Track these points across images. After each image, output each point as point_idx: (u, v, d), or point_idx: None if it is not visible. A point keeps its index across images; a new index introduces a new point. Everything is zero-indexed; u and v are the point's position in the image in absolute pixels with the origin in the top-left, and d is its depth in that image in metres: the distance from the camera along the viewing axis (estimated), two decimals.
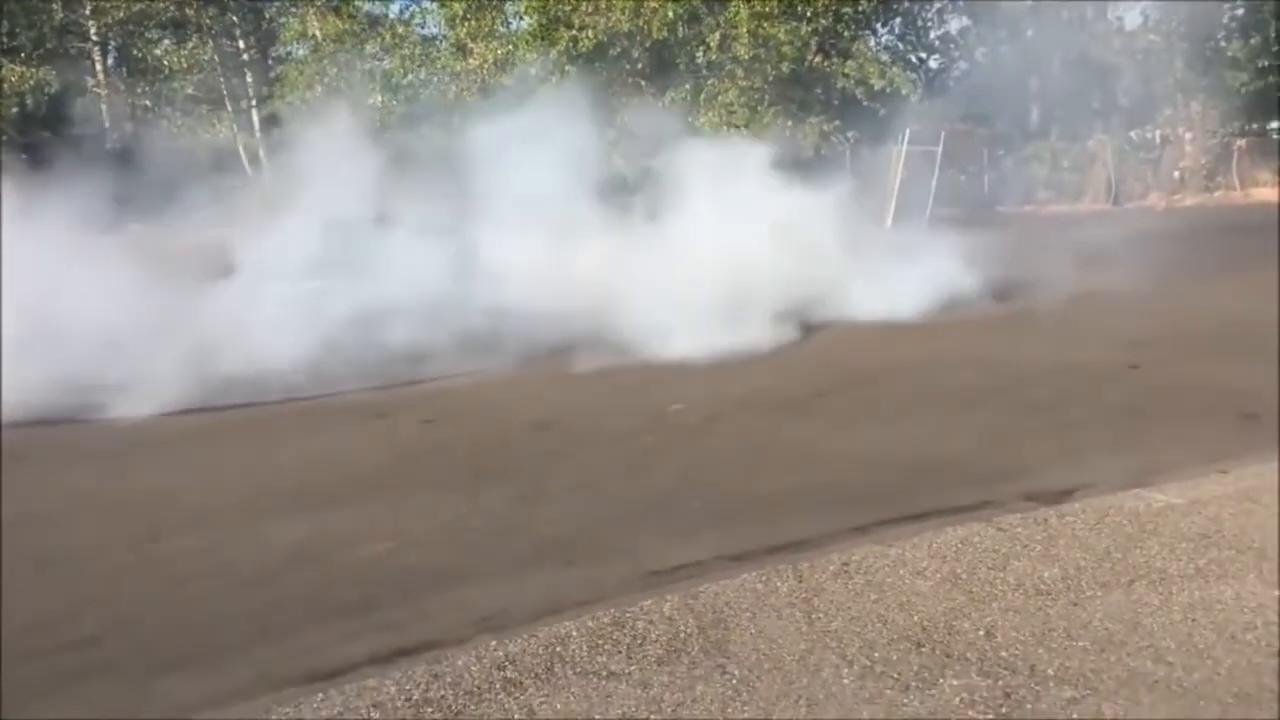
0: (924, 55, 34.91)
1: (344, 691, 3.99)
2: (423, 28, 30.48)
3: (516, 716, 3.78)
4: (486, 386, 9.45)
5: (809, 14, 25.03)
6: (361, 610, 4.82)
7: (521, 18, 27.25)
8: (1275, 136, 30.56)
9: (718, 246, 10.73)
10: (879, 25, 32.32)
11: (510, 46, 26.22)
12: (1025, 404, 7.94)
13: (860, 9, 27.68)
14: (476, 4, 27.46)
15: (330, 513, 6.20)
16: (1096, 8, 30.39)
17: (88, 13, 33.43)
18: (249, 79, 33.89)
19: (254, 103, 33.35)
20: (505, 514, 6.08)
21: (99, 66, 35.00)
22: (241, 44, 33.45)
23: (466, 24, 27.42)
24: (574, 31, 24.46)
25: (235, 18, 33.44)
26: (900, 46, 33.44)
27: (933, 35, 34.51)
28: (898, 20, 33.32)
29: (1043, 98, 31.28)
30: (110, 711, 4.01)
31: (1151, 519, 5.38)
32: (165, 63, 31.48)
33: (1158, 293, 12.27)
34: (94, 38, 34.37)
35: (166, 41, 33.87)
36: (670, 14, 23.77)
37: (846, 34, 26.78)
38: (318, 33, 29.53)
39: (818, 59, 26.38)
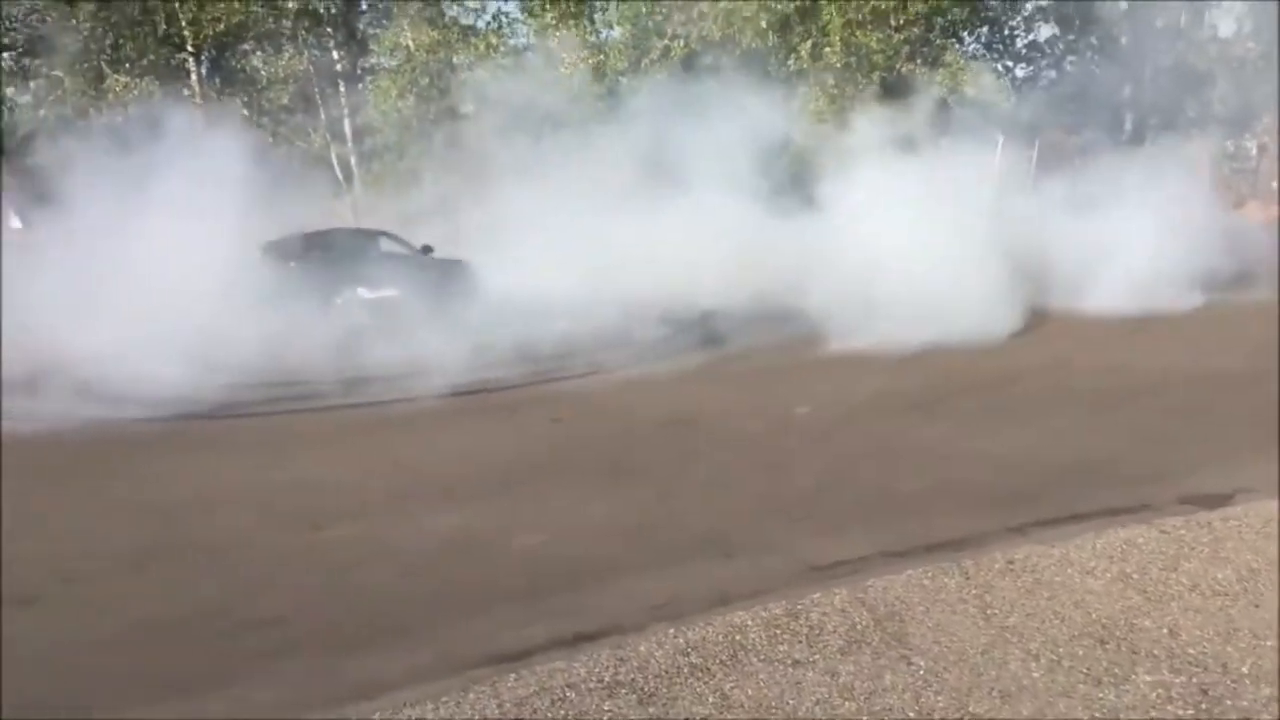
0: (1011, 63, 34.55)
1: (535, 672, 4.09)
2: (513, 38, 30.82)
3: (710, 700, 3.86)
4: (610, 386, 9.56)
5: (900, 22, 24.90)
6: (530, 597, 4.93)
7: (612, 27, 27.46)
8: None
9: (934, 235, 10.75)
10: (966, 33, 32.09)
11: (601, 56, 26.40)
12: (1164, 409, 7.85)
13: (951, 18, 27.48)
14: (567, 14, 27.71)
15: (478, 505, 6.33)
16: (1192, 15, 29.81)
17: (185, 24, 34.21)
18: (342, 89, 34.39)
19: (346, 112, 33.84)
20: (652, 508, 6.17)
21: (194, 77, 35.81)
22: (335, 55, 34.00)
23: (557, 34, 27.65)
24: (666, 41, 24.58)
25: (330, 29, 33.99)
26: (987, 54, 33.15)
27: (1020, 44, 34.19)
28: (985, 29, 33.03)
29: (1136, 106, 30.73)
30: (310, 687, 4.15)
31: None
32: (262, 73, 32.12)
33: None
34: (190, 49, 35.17)
35: (261, 52, 34.53)
36: (763, 23, 23.79)
37: (938, 42, 26.59)
38: (410, 43, 29.98)
39: (908, 67, 26.22)
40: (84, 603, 5.11)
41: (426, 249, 14.64)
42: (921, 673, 3.96)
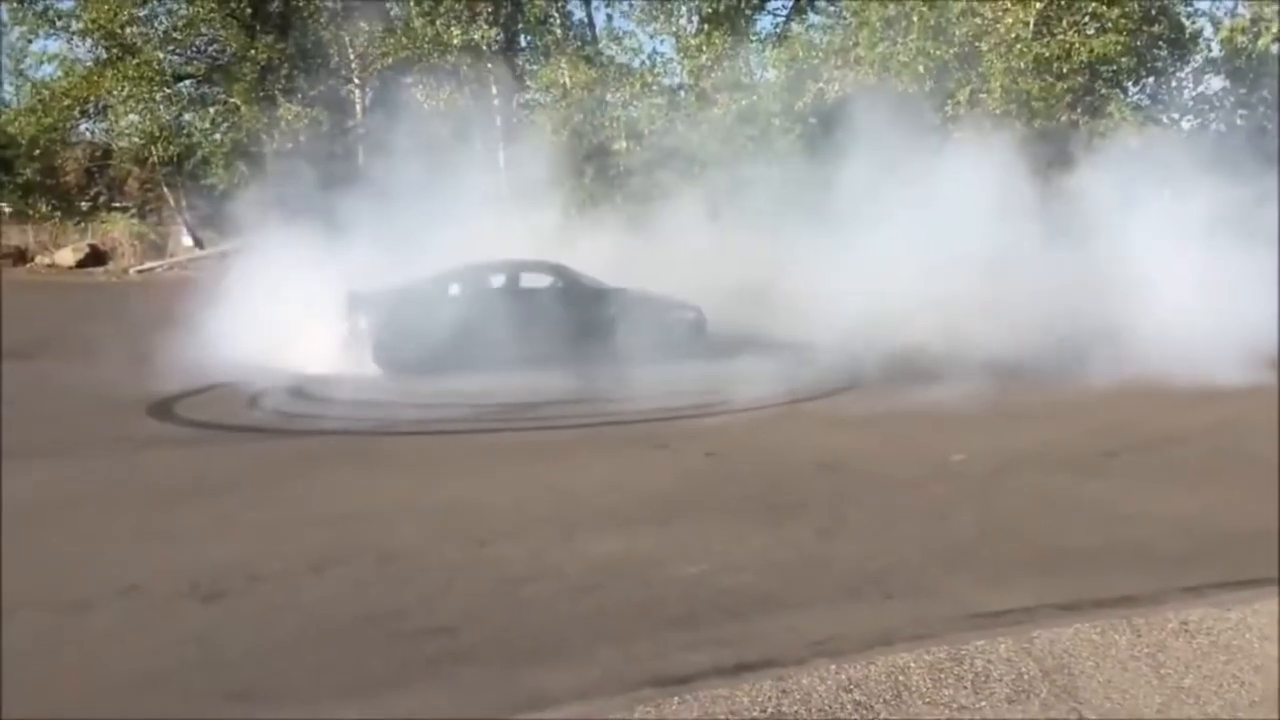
0: (1176, 115, 33.47)
1: (699, 698, 4.16)
2: (665, 78, 31.29)
3: None
4: (762, 424, 9.63)
5: (1064, 70, 24.46)
6: (692, 624, 5.01)
7: (766, 70, 27.71)
8: None
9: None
10: (1130, 84, 31.28)
11: (754, 97, 26.64)
12: None
13: (1116, 67, 26.84)
14: (722, 55, 28.08)
15: (637, 532, 6.46)
16: None
17: (354, 57, 35.61)
18: (498, 122, 35.32)
19: (501, 144, 34.74)
20: (810, 546, 6.20)
21: (359, 107, 37.27)
22: (494, 89, 34.98)
23: (711, 75, 28.02)
24: (820, 84, 24.68)
25: (490, 65, 34.99)
26: (1152, 105, 32.22)
27: (1187, 95, 33.12)
28: (1151, 79, 32.13)
29: None
30: (483, 694, 4.31)
31: None
32: (425, 106, 33.24)
33: None
34: (356, 81, 36.56)
35: (423, 86, 35.69)
36: (920, 68, 23.68)
37: (1101, 92, 26.01)
38: (567, 80, 30.71)
39: (1069, 115, 25.72)
40: (268, 601, 5.41)
41: None
42: None
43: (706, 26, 28.93)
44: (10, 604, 5.16)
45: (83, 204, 35.69)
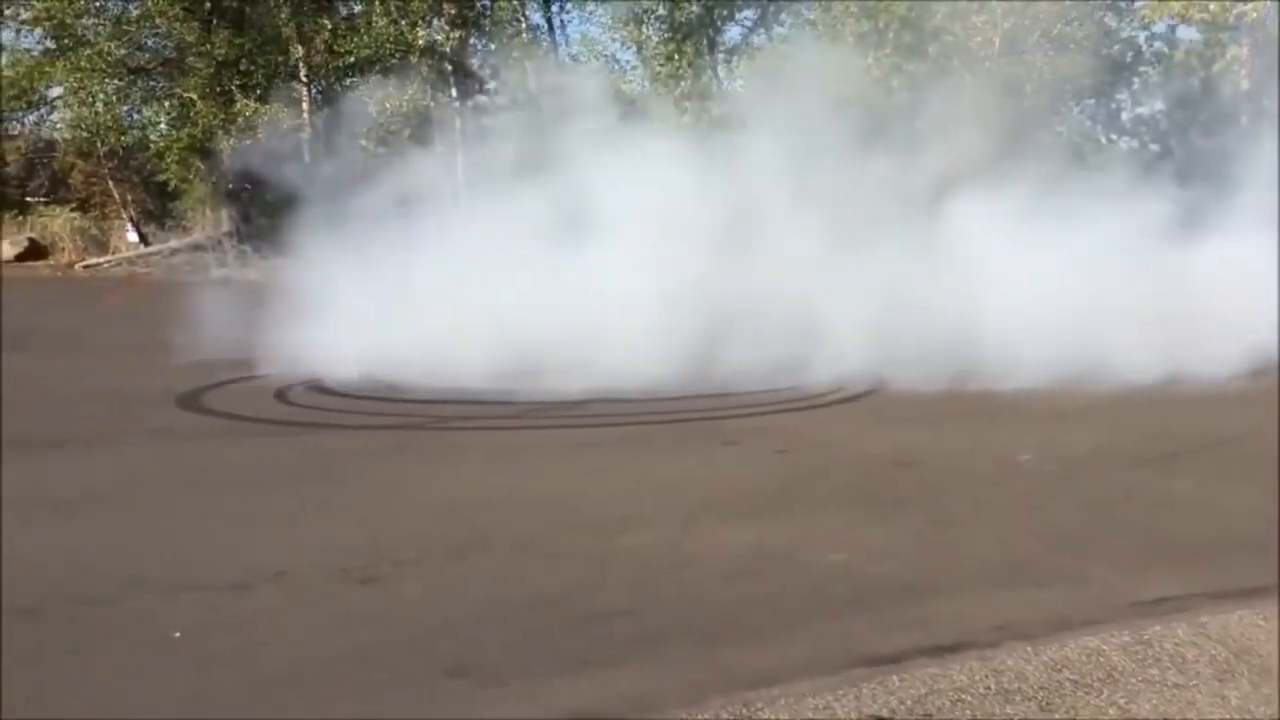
0: (1114, 136, 34.41)
1: (917, 676, 4.24)
2: (630, 85, 31.41)
3: (1111, 711, 3.99)
4: (818, 423, 9.75)
5: (1028, 90, 25.16)
6: (866, 609, 5.07)
7: (735, 80, 28.04)
8: None
9: None
10: (1074, 104, 32.15)
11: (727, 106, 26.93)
12: None
13: (1072, 87, 27.70)
14: (693, 70, 28.41)
15: (755, 523, 6.51)
16: None
17: (298, 57, 34.96)
18: (458, 124, 35.10)
19: (460, 144, 34.46)
20: (933, 537, 6.30)
21: (305, 104, 36.64)
22: (454, 91, 34.76)
23: (680, 85, 28.28)
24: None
25: (449, 66, 34.75)
26: (1090, 126, 33.10)
27: (1125, 117, 34.09)
28: (1093, 101, 33.04)
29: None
30: (700, 673, 4.32)
31: None
32: (386, 105, 32.87)
33: None
34: (304, 78, 35.82)
35: (382, 85, 35.18)
36: (894, 83, 24.19)
37: (1057, 111, 26.80)
38: (533, 83, 30.61)
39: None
40: (425, 585, 5.36)
41: None
42: None
43: (675, 36, 29.15)
44: (176, 584, 5.07)
45: (24, 197, 34.70)
